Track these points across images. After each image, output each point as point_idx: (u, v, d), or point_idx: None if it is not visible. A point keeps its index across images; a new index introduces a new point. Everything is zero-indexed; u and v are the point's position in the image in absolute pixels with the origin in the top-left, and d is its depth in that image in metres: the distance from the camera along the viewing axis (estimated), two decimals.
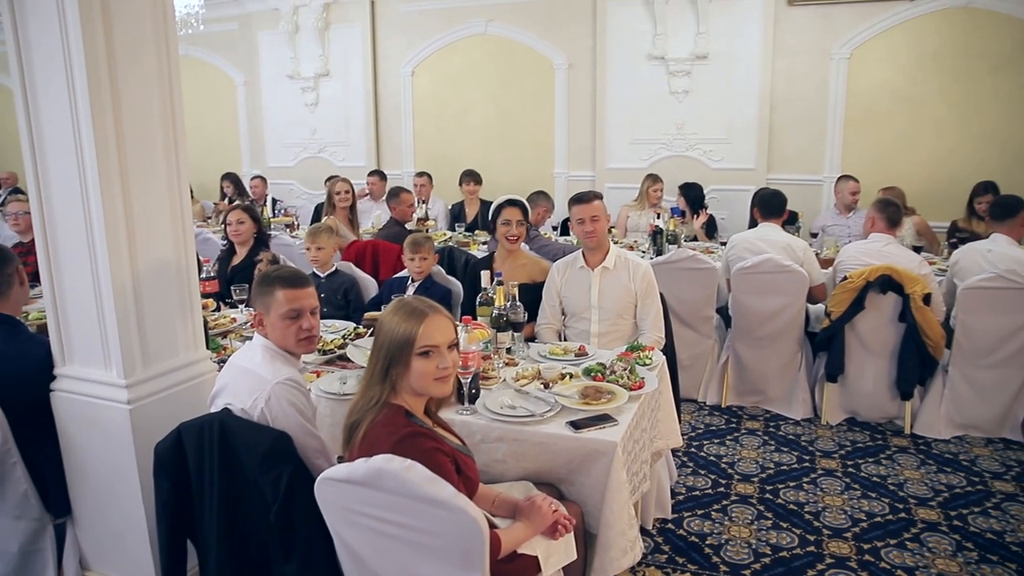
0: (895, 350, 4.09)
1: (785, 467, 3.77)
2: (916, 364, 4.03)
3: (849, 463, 3.81)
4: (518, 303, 3.06)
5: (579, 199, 3.43)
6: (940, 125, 6.28)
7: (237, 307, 3.79)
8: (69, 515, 2.59)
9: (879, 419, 4.26)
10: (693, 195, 6.20)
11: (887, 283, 3.96)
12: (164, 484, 2.06)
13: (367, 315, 3.54)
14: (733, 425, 4.29)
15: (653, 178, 6.25)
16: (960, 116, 6.22)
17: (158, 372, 2.41)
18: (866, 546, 3.07)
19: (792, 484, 3.59)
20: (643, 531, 2.98)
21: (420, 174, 7.21)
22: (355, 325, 3.45)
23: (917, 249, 4.79)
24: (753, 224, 4.82)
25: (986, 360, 4.00)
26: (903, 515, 3.31)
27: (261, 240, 4.50)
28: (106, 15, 2.16)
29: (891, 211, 4.25)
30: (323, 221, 5.52)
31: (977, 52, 6.08)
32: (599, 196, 3.45)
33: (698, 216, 6.10)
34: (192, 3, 6.61)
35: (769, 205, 4.58)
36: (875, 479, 3.64)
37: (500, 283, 3.09)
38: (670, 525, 3.23)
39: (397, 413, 1.91)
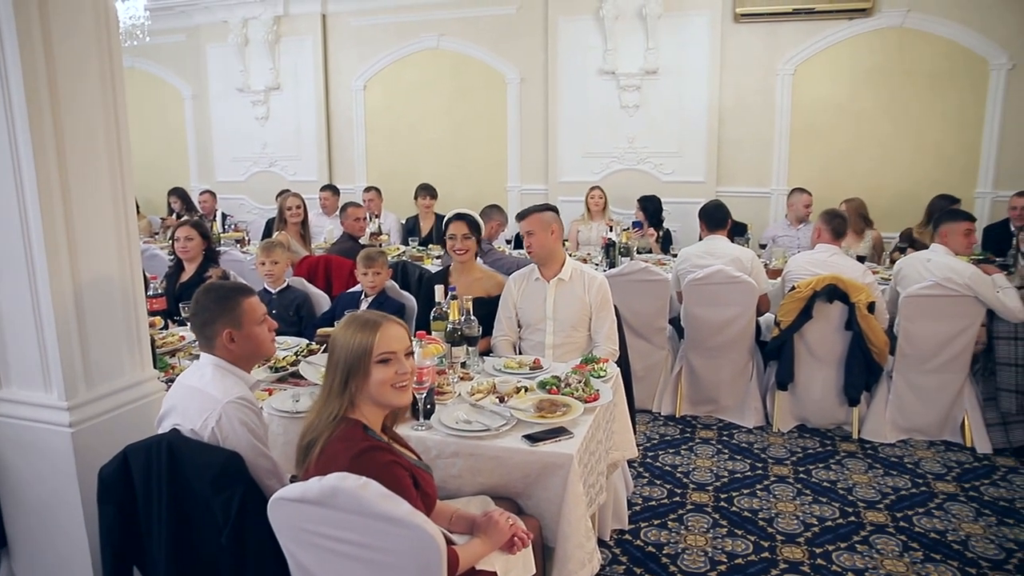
0: (842, 358, 4.20)
1: (739, 475, 3.83)
2: (862, 371, 4.14)
3: (800, 469, 3.88)
4: (472, 317, 3.06)
5: (519, 215, 3.51)
6: (880, 139, 6.51)
7: (185, 325, 3.70)
8: (5, 547, 2.48)
9: (828, 425, 4.36)
10: (652, 207, 6.28)
11: (833, 292, 4.07)
12: (109, 510, 2.00)
13: (320, 331, 3.49)
14: (687, 435, 4.34)
15: (593, 188, 6.37)
16: (899, 130, 6.45)
17: (102, 393, 2.34)
18: (818, 550, 3.13)
19: (746, 491, 3.65)
20: (600, 543, 2.99)
21: (368, 188, 7.16)
22: (307, 341, 3.40)
23: (861, 259, 4.93)
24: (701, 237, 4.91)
25: (927, 365, 4.13)
26: (852, 518, 3.38)
27: (210, 256, 4.41)
28: (45, 25, 2.10)
29: (836, 223, 4.37)
30: (275, 236, 5.45)
31: (912, 70, 6.33)
32: (543, 209, 3.48)
33: (655, 228, 6.18)
34: (137, 14, 6.48)
35: (713, 217, 4.66)
36: (825, 484, 3.71)
37: (454, 297, 3.08)
38: (627, 536, 3.24)
39: (355, 427, 1.89)
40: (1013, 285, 4.14)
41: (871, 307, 4.05)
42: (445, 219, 3.84)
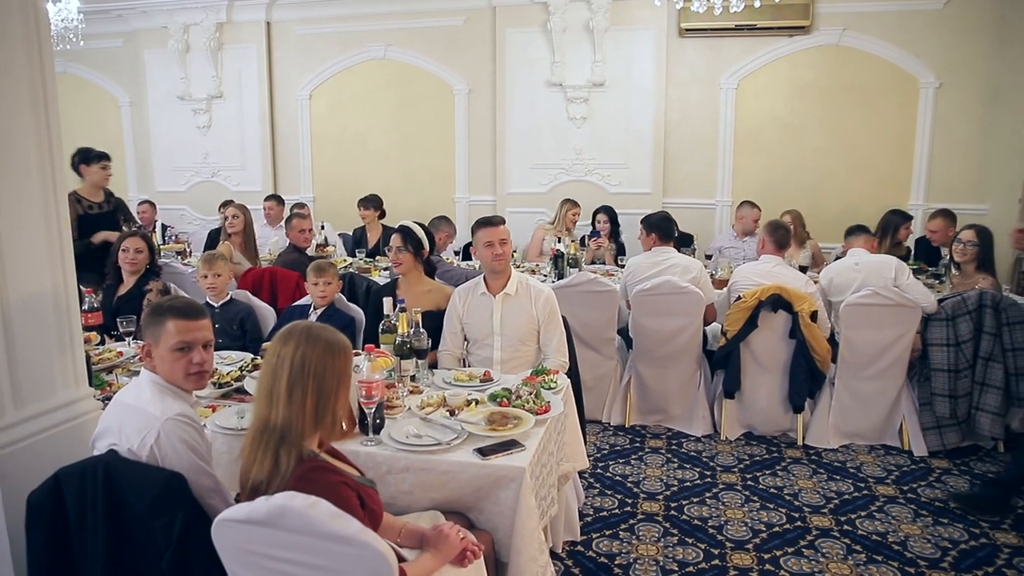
0: (786, 366, 4.30)
1: (688, 483, 3.87)
2: (806, 378, 4.24)
3: (748, 476, 3.95)
4: (422, 330, 3.02)
5: (487, 222, 3.44)
6: (819, 152, 6.71)
7: (124, 340, 3.57)
8: None
9: (774, 432, 4.45)
10: (613, 216, 6.33)
11: (777, 302, 4.16)
12: (38, 537, 1.90)
13: (264, 346, 3.41)
14: (637, 444, 4.37)
15: (571, 203, 6.33)
16: (837, 144, 6.67)
17: (33, 413, 2.23)
18: (766, 556, 3.18)
19: (695, 500, 3.69)
20: (553, 555, 2.98)
21: (269, 197, 7.04)
22: (252, 356, 3.32)
23: (803, 269, 5.07)
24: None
25: (867, 372, 4.25)
26: (799, 523, 3.45)
27: (151, 269, 4.27)
28: None
29: (780, 234, 4.49)
30: (218, 248, 5.32)
31: (849, 86, 6.56)
32: (503, 221, 3.47)
33: (613, 239, 6.24)
34: (70, 16, 6.26)
35: (663, 229, 4.70)
36: (772, 490, 3.78)
37: (403, 310, 3.05)
38: (579, 547, 3.24)
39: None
40: (943, 292, 4.34)
41: (814, 316, 4.16)
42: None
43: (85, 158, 5.04)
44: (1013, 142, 5.93)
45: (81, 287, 2.85)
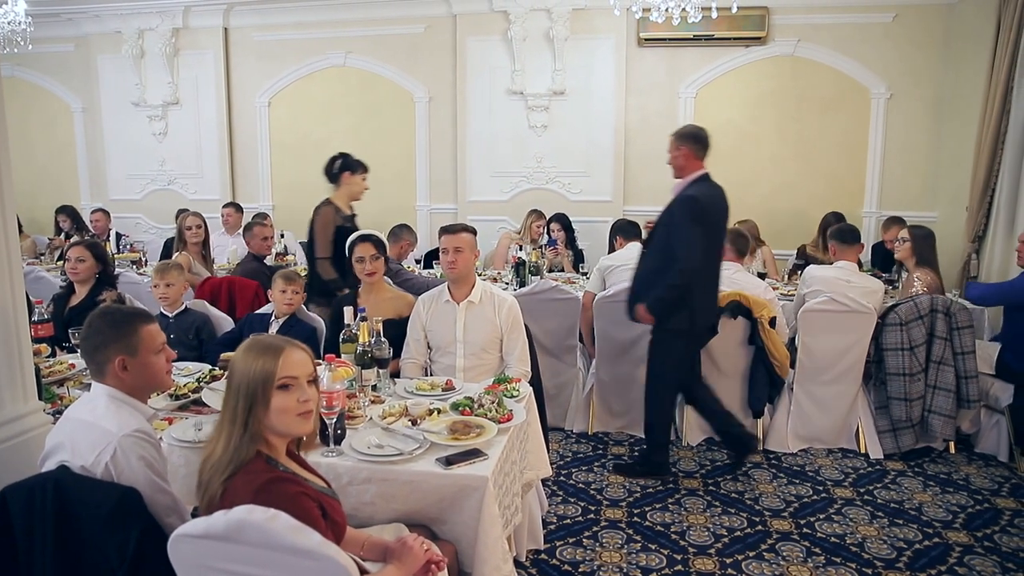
0: (746, 371, 4.36)
1: (651, 490, 3.89)
2: (765, 383, 4.31)
3: (709, 481, 3.99)
4: (383, 339, 3.00)
5: (447, 229, 3.44)
6: (777, 161, 6.84)
7: (75, 352, 3.47)
8: None
9: None
10: (567, 224, 6.37)
11: (737, 308, 4.22)
12: None
13: (223, 356, 3.34)
14: (600, 451, 4.39)
15: (538, 213, 6.37)
16: (794, 153, 6.80)
17: None
18: (728, 560, 3.21)
19: (658, 506, 3.71)
20: (517, 563, 2.96)
21: (227, 204, 6.95)
22: (209, 367, 3.25)
23: (761, 276, 5.15)
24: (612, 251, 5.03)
25: (825, 376, 4.33)
26: (760, 527, 3.49)
27: (104, 279, 4.16)
28: None
29: (740, 242, 4.58)
30: (174, 257, 5.22)
31: (804, 96, 6.71)
32: (468, 230, 3.45)
33: (569, 247, 6.27)
34: (17, 19, 6.09)
35: (628, 231, 4.81)
36: (734, 495, 3.82)
37: (364, 319, 3.02)
38: (543, 555, 3.24)
39: (255, 460, 1.80)
40: (896, 296, 4.44)
41: (772, 322, 4.23)
42: (350, 241, 3.75)
43: (351, 166, 4.56)
44: (960, 152, 6.12)
45: (30, 297, 2.77)
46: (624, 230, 5.07)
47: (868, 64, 6.54)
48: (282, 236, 6.36)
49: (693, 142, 3.96)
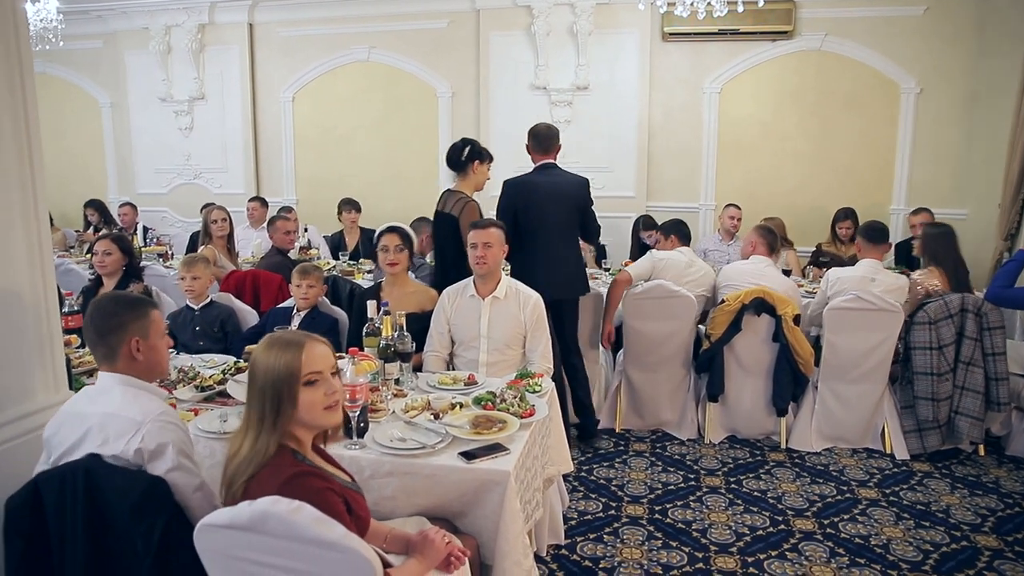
0: (770, 369, 4.32)
1: (672, 487, 3.87)
2: (789, 381, 4.27)
3: (732, 480, 3.96)
4: (406, 333, 3.00)
5: (477, 225, 3.43)
6: (800, 157, 6.77)
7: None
8: None
9: (757, 436, 4.47)
10: None
11: (761, 305, 4.18)
12: (17, 544, 1.86)
13: (248, 348, 3.37)
14: (621, 448, 4.38)
15: None
16: (817, 148, 6.72)
17: (11, 418, 2.20)
18: (750, 559, 3.19)
19: (680, 503, 3.69)
20: (537, 558, 2.97)
21: (253, 198, 7.00)
22: (235, 359, 3.29)
23: (786, 273, 5.10)
24: (641, 251, 4.96)
25: (850, 376, 4.28)
26: (782, 527, 3.46)
27: (131, 272, 4.22)
28: None
29: (771, 238, 4.58)
30: (200, 250, 5.27)
31: (831, 91, 6.62)
32: (498, 226, 3.44)
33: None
34: (49, 16, 6.19)
35: (682, 232, 4.80)
36: (756, 494, 3.79)
37: (387, 313, 3.03)
38: (563, 551, 3.24)
39: (282, 454, 1.81)
40: None
41: (797, 319, 4.19)
42: (377, 232, 3.77)
43: (480, 154, 4.18)
44: (992, 148, 6.02)
45: (60, 289, 2.81)
46: (680, 230, 4.85)
47: (897, 58, 6.44)
48: (306, 230, 6.40)
49: (530, 138, 4.40)
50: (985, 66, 6.20)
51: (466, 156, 4.10)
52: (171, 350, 2.31)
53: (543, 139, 4.35)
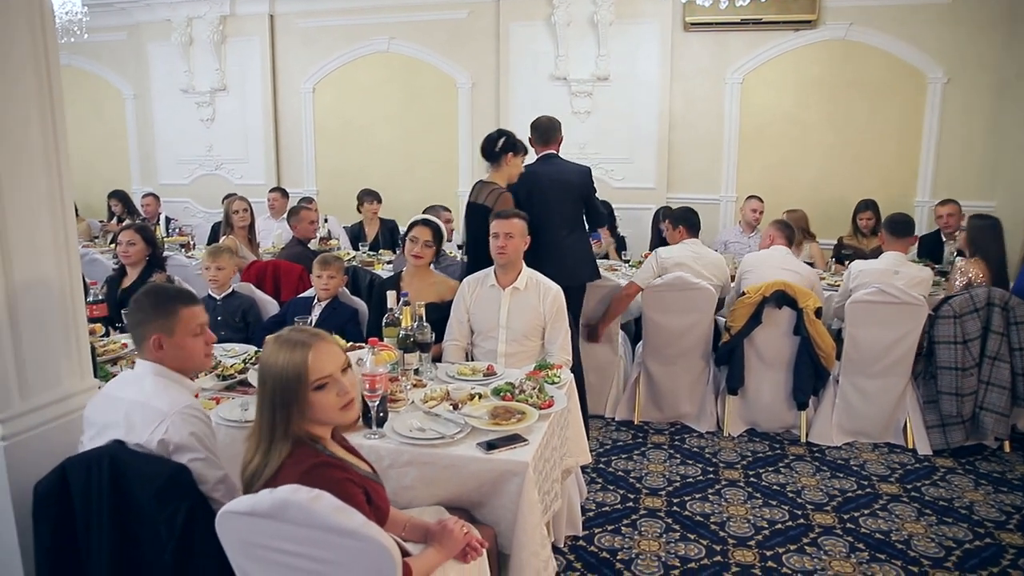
0: (791, 362, 4.28)
1: (691, 479, 3.86)
2: (810, 375, 4.23)
3: (751, 473, 3.94)
4: (425, 323, 3.01)
5: (499, 215, 3.43)
6: (824, 148, 6.68)
7: (128, 332, 3.57)
8: None
9: (777, 429, 4.44)
10: (610, 211, 6.31)
11: (782, 298, 4.15)
12: (45, 527, 1.90)
13: (269, 338, 3.40)
14: (640, 440, 4.37)
15: None
16: (841, 139, 6.63)
17: (38, 404, 2.23)
18: (768, 552, 3.17)
19: (698, 496, 3.68)
20: (554, 549, 2.98)
21: (273, 189, 7.03)
22: (256, 349, 3.32)
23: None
24: (660, 242, 4.93)
25: (871, 370, 4.23)
26: (801, 521, 3.44)
27: (154, 261, 4.27)
28: None
29: (788, 231, 4.59)
30: (221, 241, 5.32)
31: (855, 81, 6.52)
32: (520, 216, 3.43)
33: (611, 233, 6.22)
34: (74, 9, 6.25)
35: (691, 223, 4.69)
36: (775, 487, 3.77)
37: (407, 303, 3.04)
38: (581, 542, 3.24)
39: (303, 445, 1.83)
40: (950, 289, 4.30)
41: (818, 312, 4.15)
42: (410, 221, 3.76)
43: (514, 146, 4.08)
44: (1021, 138, 5.90)
45: (85, 278, 2.85)
46: (688, 220, 4.69)
47: (924, 48, 6.33)
48: (326, 221, 6.43)
49: (532, 131, 4.46)
50: (1014, 54, 6.07)
51: (500, 147, 4.04)
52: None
53: (544, 131, 4.40)
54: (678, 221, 4.73)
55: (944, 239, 5.69)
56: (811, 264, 5.36)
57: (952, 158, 6.42)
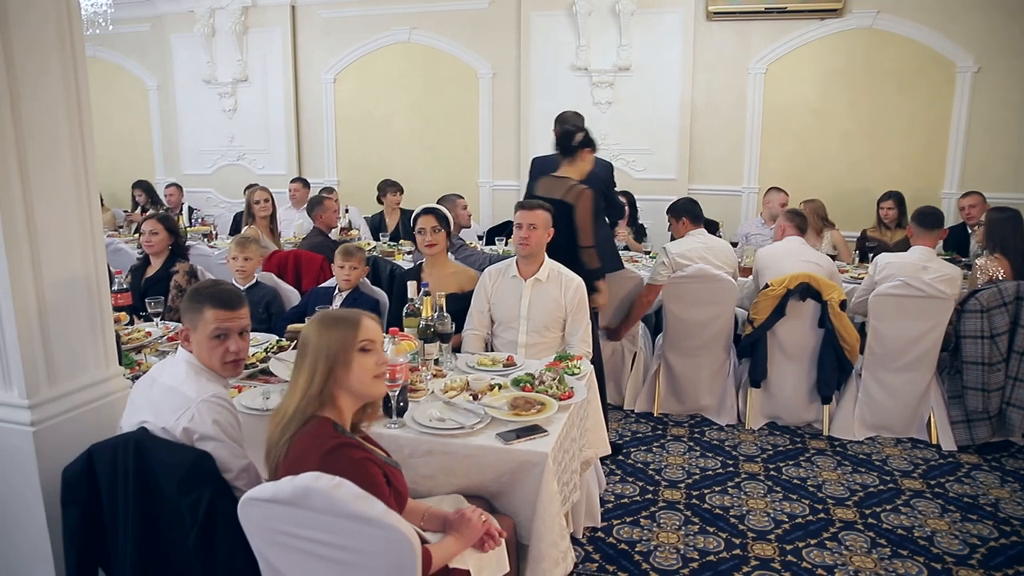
0: (814, 355, 4.25)
1: (710, 472, 3.85)
2: (834, 368, 4.19)
3: (771, 466, 3.92)
4: (445, 314, 3.02)
5: (524, 205, 3.43)
6: (848, 139, 6.60)
7: (152, 320, 3.61)
8: None
9: (798, 423, 4.40)
10: (632, 201, 6.28)
11: (806, 291, 4.11)
12: (73, 511, 1.94)
13: (290, 327, 3.43)
14: (659, 432, 4.36)
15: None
16: (866, 130, 6.54)
17: (65, 391, 2.26)
18: (788, 547, 3.15)
19: (717, 489, 3.67)
20: (573, 540, 2.97)
21: (295, 179, 7.07)
22: (277, 338, 3.34)
23: (832, 258, 4.99)
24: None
25: (895, 364, 4.18)
26: (822, 515, 3.42)
27: (177, 251, 4.31)
28: (2, 11, 2.02)
29: (799, 220, 4.55)
30: (245, 231, 5.36)
31: (881, 71, 6.42)
32: (545, 208, 3.42)
33: (630, 224, 6.19)
34: (99, 1, 6.31)
35: (693, 212, 4.64)
36: (795, 481, 3.75)
37: (427, 293, 3.05)
38: (600, 533, 3.24)
39: (324, 424, 1.85)
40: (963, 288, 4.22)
41: (843, 305, 4.11)
42: (414, 214, 3.79)
43: (591, 142, 3.98)
44: None
45: (110, 267, 2.89)
46: (689, 211, 4.64)
47: (954, 36, 6.21)
48: (347, 211, 6.46)
49: (556, 124, 4.49)
50: None
51: (579, 142, 3.94)
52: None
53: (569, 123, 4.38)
54: (680, 213, 4.65)
55: (970, 231, 5.60)
56: (834, 256, 5.30)
57: (981, 149, 6.31)
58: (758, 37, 6.65)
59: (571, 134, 3.95)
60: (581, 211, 3.77)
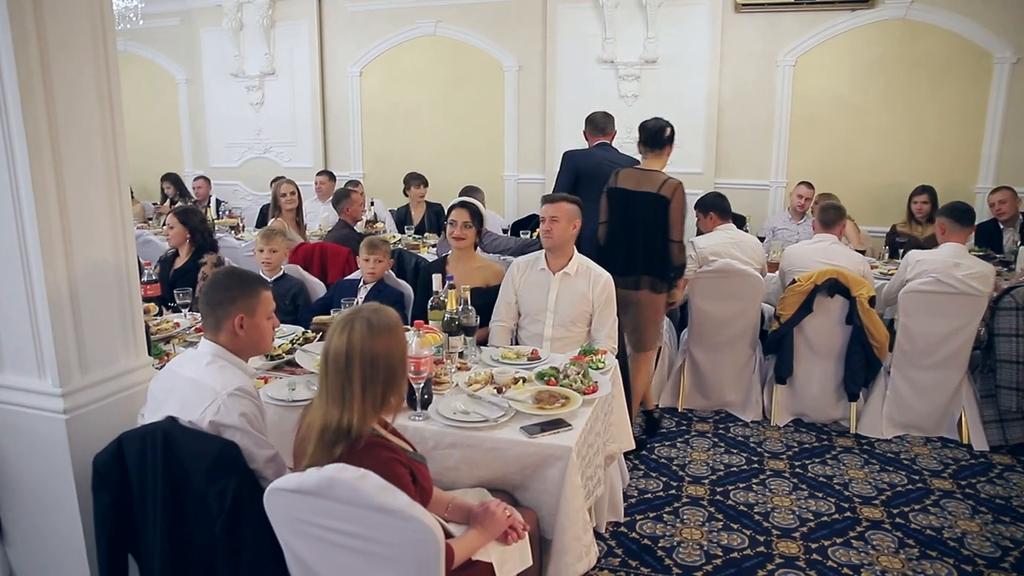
0: (841, 352, 4.19)
1: (735, 468, 3.82)
2: (862, 365, 4.13)
3: (796, 464, 3.88)
4: (470, 307, 3.03)
5: (548, 198, 3.44)
6: (880, 132, 6.48)
7: (180, 311, 3.66)
8: (0, 534, 2.46)
9: (825, 420, 4.35)
10: None
11: (835, 286, 4.05)
12: (103, 497, 1.97)
13: (316, 319, 3.46)
14: (684, 428, 4.33)
15: None
16: (899, 124, 6.42)
17: (96, 380, 2.30)
18: (814, 545, 3.12)
19: (742, 485, 3.64)
20: (596, 535, 2.97)
21: (321, 172, 7.10)
22: (303, 330, 3.37)
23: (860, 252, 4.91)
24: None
25: (925, 362, 4.11)
26: (848, 514, 3.38)
27: (205, 243, 4.35)
28: (38, 7, 2.06)
29: (825, 215, 4.47)
30: (271, 223, 5.41)
31: (915, 62, 6.29)
32: (569, 200, 3.40)
33: None
34: None
35: (721, 207, 4.61)
36: (821, 479, 3.71)
37: (452, 287, 3.05)
38: (623, 528, 3.23)
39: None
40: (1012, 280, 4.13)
41: (872, 301, 4.05)
42: (450, 205, 3.81)
43: (673, 139, 4.02)
44: None
45: (140, 259, 2.93)
46: (718, 206, 4.63)
47: (991, 26, 6.05)
48: (372, 204, 6.49)
49: (587, 124, 4.68)
50: None
51: (667, 137, 3.96)
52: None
53: (599, 123, 4.61)
54: (708, 208, 4.64)
55: (1002, 227, 5.49)
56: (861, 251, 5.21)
57: (1018, 143, 6.14)
58: (787, 29, 6.55)
59: (662, 128, 3.95)
60: (676, 205, 3.79)
